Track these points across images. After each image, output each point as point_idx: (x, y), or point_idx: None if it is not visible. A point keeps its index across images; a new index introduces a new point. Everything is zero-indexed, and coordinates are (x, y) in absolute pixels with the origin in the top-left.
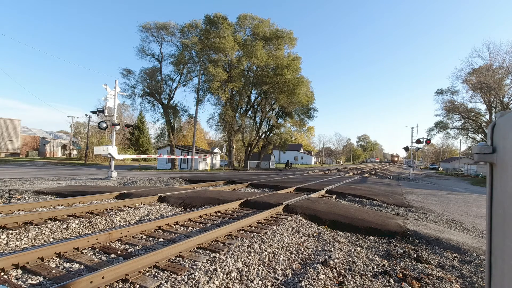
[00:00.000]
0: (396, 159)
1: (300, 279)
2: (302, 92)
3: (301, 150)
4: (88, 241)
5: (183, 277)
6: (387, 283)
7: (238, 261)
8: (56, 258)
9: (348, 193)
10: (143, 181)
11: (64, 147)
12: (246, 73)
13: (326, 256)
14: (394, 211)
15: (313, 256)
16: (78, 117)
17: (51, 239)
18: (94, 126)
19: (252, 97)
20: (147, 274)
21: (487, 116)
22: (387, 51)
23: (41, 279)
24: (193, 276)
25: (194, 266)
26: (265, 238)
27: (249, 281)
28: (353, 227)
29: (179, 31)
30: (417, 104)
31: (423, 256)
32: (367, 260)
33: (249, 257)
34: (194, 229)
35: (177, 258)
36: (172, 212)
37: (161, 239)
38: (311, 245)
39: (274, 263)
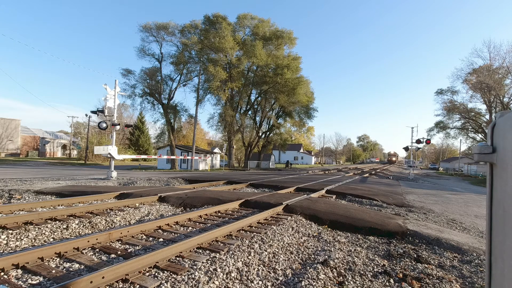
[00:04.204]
0: (394, 158)
1: (300, 279)
2: (302, 92)
3: (301, 150)
4: (88, 241)
5: (183, 277)
6: (387, 283)
7: (238, 261)
8: (56, 258)
9: (348, 193)
10: (143, 181)
11: (64, 147)
12: (246, 73)
13: (326, 256)
14: (394, 211)
15: (313, 256)
16: (78, 117)
17: (51, 239)
18: (94, 126)
19: (252, 97)
20: (147, 274)
21: (487, 116)
22: (387, 51)
23: (41, 279)
24: (193, 276)
25: (194, 266)
26: (265, 238)
27: (249, 281)
28: (353, 227)
29: (179, 31)
30: (417, 104)
31: (423, 256)
32: (367, 260)
33: (249, 257)
34: (194, 229)
35: (177, 258)
36: (172, 212)
37: (161, 239)
38: (311, 245)
39: (274, 263)
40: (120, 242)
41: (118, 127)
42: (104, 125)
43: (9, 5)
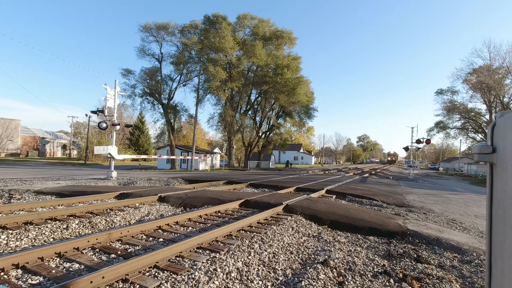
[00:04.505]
0: (394, 158)
1: (300, 279)
2: (302, 92)
3: (301, 150)
4: (88, 241)
5: (183, 277)
6: (387, 283)
7: (238, 261)
8: (56, 258)
9: (348, 193)
10: (143, 181)
11: (64, 147)
12: (246, 73)
13: (326, 256)
14: (394, 211)
15: (313, 256)
16: (78, 117)
17: (51, 239)
18: (94, 126)
19: (252, 97)
20: (147, 274)
21: (487, 116)
22: (387, 51)
23: (41, 279)
24: (193, 276)
25: (194, 266)
26: (265, 238)
27: (249, 281)
28: (353, 227)
29: (179, 31)
30: (417, 104)
31: (423, 256)
32: (367, 260)
33: (249, 257)
34: (194, 229)
35: (177, 258)
36: (172, 212)
37: (161, 239)
38: (311, 245)
39: (274, 263)
40: (120, 242)
41: (118, 127)
42: (104, 125)
43: (9, 5)
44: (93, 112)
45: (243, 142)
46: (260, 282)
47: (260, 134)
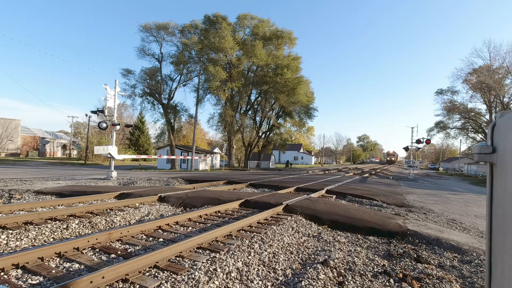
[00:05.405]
0: (393, 158)
1: (300, 279)
2: (302, 92)
3: (301, 150)
4: (88, 241)
5: (183, 277)
6: (387, 283)
7: (238, 261)
8: (56, 258)
9: (348, 193)
10: (143, 181)
11: (64, 147)
12: (246, 73)
13: (326, 256)
14: (394, 211)
15: (313, 256)
16: (78, 117)
17: (51, 239)
18: (94, 126)
19: (252, 97)
20: (147, 274)
21: (487, 116)
22: (387, 51)
23: (41, 279)
24: (193, 276)
25: (194, 266)
26: (265, 238)
27: (249, 281)
28: (353, 227)
29: (179, 31)
30: (417, 104)
31: (423, 256)
32: (367, 260)
33: (249, 257)
34: (194, 229)
35: (177, 258)
36: (172, 212)
37: (161, 239)
38: (311, 245)
39: (274, 263)
40: (120, 242)
41: (118, 127)
42: (104, 125)
43: (9, 5)
44: (93, 112)
45: (243, 142)
46: (260, 282)
47: (260, 134)
